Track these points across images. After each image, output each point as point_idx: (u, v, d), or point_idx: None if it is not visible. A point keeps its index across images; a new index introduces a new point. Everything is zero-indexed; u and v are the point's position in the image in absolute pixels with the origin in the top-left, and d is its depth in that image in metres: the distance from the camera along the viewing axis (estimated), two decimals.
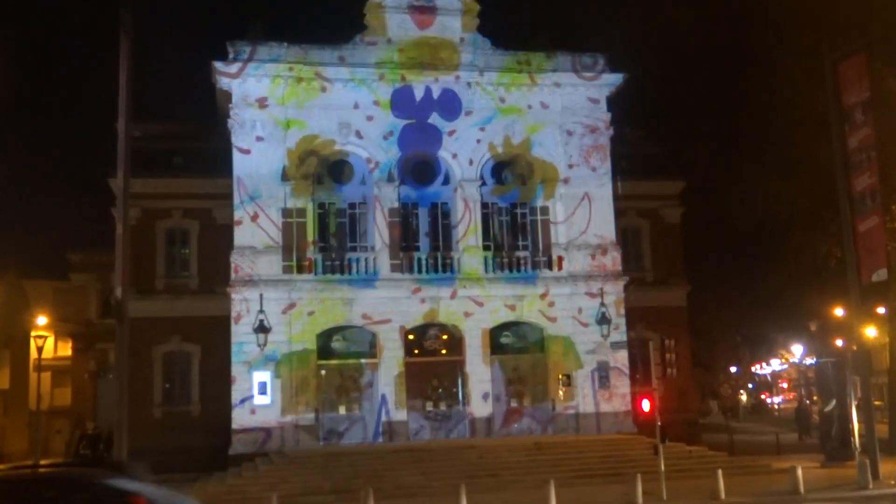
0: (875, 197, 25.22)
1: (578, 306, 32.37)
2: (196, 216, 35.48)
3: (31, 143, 77.18)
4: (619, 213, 34.21)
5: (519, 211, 33.86)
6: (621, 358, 32.34)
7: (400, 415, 30.99)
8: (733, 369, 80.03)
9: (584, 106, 33.74)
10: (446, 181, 33.31)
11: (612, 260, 32.96)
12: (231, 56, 31.65)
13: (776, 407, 78.81)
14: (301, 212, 31.48)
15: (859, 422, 26.70)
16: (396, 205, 32.35)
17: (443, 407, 32.19)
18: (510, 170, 34.12)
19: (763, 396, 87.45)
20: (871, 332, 40.38)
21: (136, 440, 24.36)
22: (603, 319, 32.14)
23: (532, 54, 33.84)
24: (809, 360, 51.59)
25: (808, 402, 50.59)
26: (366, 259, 31.75)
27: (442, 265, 32.07)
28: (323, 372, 31.40)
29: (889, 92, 28.79)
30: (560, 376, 32.10)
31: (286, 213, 31.23)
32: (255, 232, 30.78)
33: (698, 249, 43.81)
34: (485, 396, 31.60)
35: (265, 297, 30.21)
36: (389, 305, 31.31)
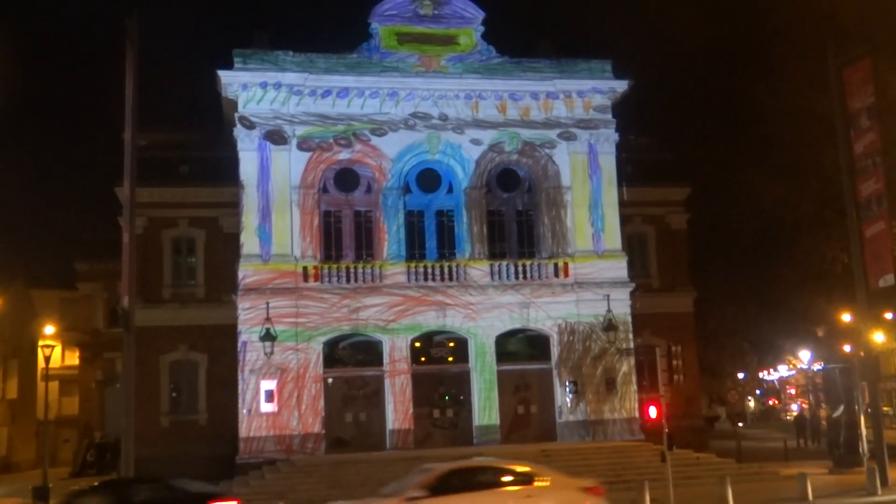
0: (881, 202, 25.16)
1: (585, 313, 32.34)
2: (202, 225, 35.59)
3: (37, 153, 77.66)
4: (624, 220, 34.21)
5: (525, 218, 33.90)
6: (628, 365, 32.30)
7: (406, 423, 31.00)
8: (741, 375, 79.78)
9: (589, 112, 33.76)
10: (452, 189, 33.40)
11: (619, 266, 32.95)
12: (237, 65, 31.79)
13: (792, 413, 78.33)
14: (307, 220, 31.56)
15: (867, 428, 26.61)
16: (403, 213, 32.43)
17: (449, 414, 32.20)
18: (515, 177, 34.14)
19: (771, 403, 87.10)
20: (878, 337, 40.26)
21: (143, 449, 24.47)
22: (609, 326, 32.09)
23: (537, 61, 33.92)
24: (817, 366, 51.38)
25: (808, 409, 50.42)
26: (372, 267, 31.78)
27: (448, 273, 32.08)
28: (329, 380, 31.40)
29: (894, 97, 28.74)
30: (567, 383, 32.08)
31: (292, 221, 31.31)
32: (261, 240, 30.85)
33: (705, 255, 43.86)
34: (491, 404, 31.57)
35: (271, 305, 30.26)
36: (395, 314, 31.34)
